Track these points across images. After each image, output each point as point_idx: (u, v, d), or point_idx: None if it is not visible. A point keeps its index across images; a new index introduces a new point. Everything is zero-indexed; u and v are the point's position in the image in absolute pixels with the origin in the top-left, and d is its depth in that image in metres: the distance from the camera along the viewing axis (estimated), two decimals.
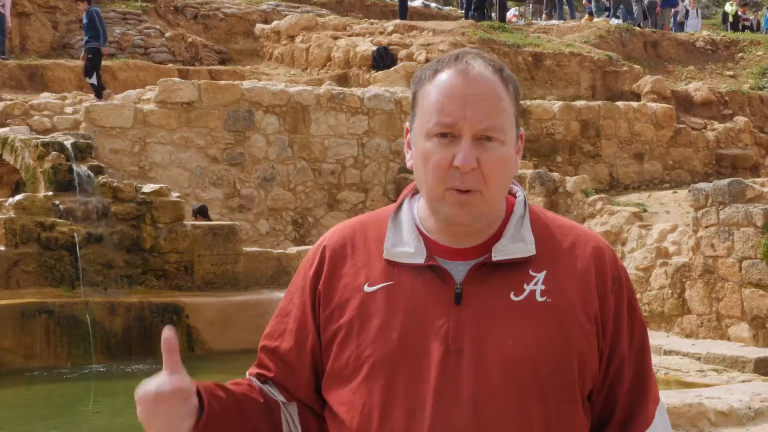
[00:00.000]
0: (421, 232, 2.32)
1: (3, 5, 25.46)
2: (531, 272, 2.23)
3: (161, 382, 2.37)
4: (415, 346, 2.23)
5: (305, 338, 2.44)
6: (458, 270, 2.27)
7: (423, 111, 2.25)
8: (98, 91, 21.22)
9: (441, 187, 2.21)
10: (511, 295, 2.21)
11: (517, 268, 2.24)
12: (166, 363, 2.33)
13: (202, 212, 16.46)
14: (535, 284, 2.21)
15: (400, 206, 2.39)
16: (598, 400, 2.24)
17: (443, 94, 2.22)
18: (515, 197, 2.36)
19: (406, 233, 2.32)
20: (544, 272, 2.22)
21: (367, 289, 2.31)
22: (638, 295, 16.62)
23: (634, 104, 24.43)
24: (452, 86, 2.21)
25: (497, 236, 2.27)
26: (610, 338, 2.24)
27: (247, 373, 2.65)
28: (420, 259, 2.28)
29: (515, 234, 2.26)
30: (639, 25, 32.76)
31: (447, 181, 2.20)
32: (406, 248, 2.30)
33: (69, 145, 14.96)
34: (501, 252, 2.24)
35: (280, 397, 2.51)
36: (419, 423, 2.18)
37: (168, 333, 2.32)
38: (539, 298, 2.20)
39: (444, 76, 2.24)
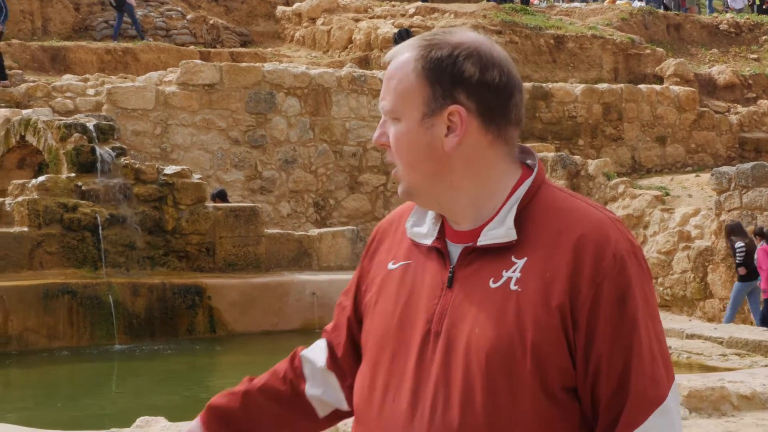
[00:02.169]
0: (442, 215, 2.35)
1: None
2: (513, 258, 2.20)
3: None
4: (409, 326, 2.27)
5: (346, 308, 2.54)
6: (457, 252, 2.28)
7: None
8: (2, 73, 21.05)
9: None
10: (490, 282, 2.20)
11: (502, 253, 2.21)
12: None
13: (221, 196, 16.49)
14: (513, 271, 2.18)
15: None
16: (585, 398, 2.15)
17: None
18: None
19: (428, 214, 2.36)
20: (525, 259, 2.18)
21: (389, 266, 2.38)
22: (659, 279, 16.58)
23: (657, 87, 24.34)
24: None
25: (492, 218, 2.27)
26: (584, 332, 2.13)
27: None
28: (428, 240, 2.32)
29: (505, 218, 2.24)
30: (665, 7, 32.60)
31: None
32: (421, 228, 2.35)
33: (91, 127, 15.00)
34: (485, 236, 2.23)
35: (320, 362, 2.59)
36: (399, 403, 2.24)
37: None
38: (512, 287, 2.17)
39: None
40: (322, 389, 2.58)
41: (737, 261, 15.11)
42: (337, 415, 2.61)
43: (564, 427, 2.17)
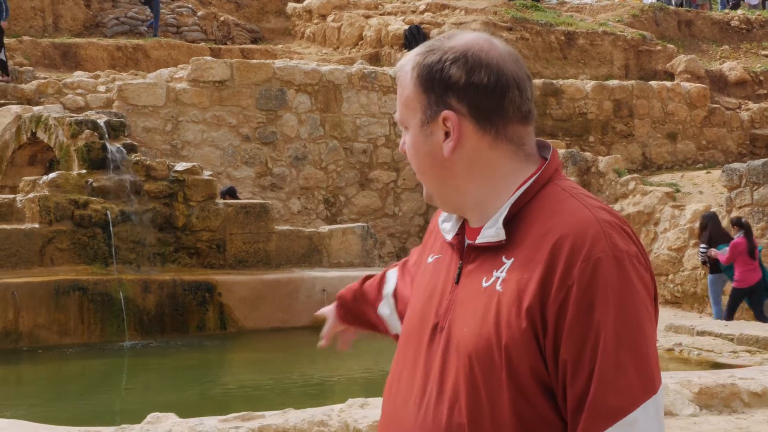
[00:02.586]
0: None
1: None
2: (503, 259, 2.21)
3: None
4: (426, 319, 2.34)
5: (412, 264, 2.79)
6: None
7: None
8: (4, 68, 21.04)
9: None
10: (483, 281, 2.22)
11: (496, 253, 2.23)
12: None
13: (231, 193, 16.51)
14: (501, 272, 2.19)
15: None
16: (560, 401, 2.12)
17: None
18: None
19: None
20: (512, 260, 2.19)
21: (428, 260, 2.47)
22: (670, 276, 16.56)
23: (668, 84, 24.30)
24: None
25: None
26: (552, 337, 2.10)
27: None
28: (450, 236, 2.37)
29: (499, 218, 2.24)
30: (676, 3, 32.52)
31: None
32: (448, 224, 2.39)
33: (102, 124, 15.02)
34: (481, 235, 2.26)
35: (390, 287, 2.93)
36: (412, 395, 2.30)
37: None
38: (497, 287, 2.18)
39: None
40: (389, 311, 2.90)
41: (700, 259, 15.42)
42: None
43: (544, 428, 2.15)
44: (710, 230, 15.24)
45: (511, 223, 2.22)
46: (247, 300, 14.25)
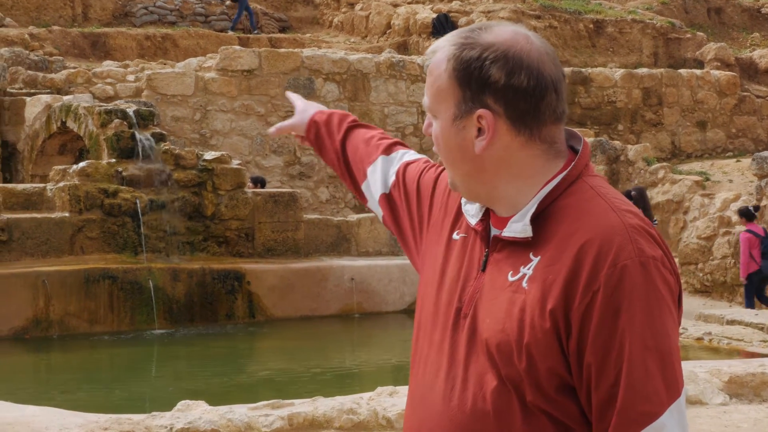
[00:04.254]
0: None
1: None
2: (531, 255, 2.21)
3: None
4: (451, 302, 2.33)
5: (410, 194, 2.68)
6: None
7: None
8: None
9: None
10: (509, 275, 2.22)
11: (523, 247, 2.23)
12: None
13: (261, 182, 16.54)
14: (528, 269, 2.19)
15: None
16: (583, 401, 2.15)
17: None
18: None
19: None
20: (539, 258, 2.19)
21: (454, 236, 2.43)
22: (699, 265, 16.49)
23: (697, 72, 24.17)
24: None
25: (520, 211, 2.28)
26: (576, 340, 2.12)
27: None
28: (473, 221, 2.36)
29: (527, 213, 2.24)
30: None
31: None
32: (472, 207, 2.38)
33: (131, 113, 15.07)
34: (508, 228, 2.26)
35: (378, 190, 2.78)
36: (438, 379, 2.30)
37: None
38: (524, 284, 2.18)
39: None
40: (371, 196, 2.80)
41: None
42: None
43: (564, 424, 2.17)
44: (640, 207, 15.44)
45: (538, 218, 2.22)
46: (276, 288, 14.29)
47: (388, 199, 2.72)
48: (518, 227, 2.23)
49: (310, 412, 5.68)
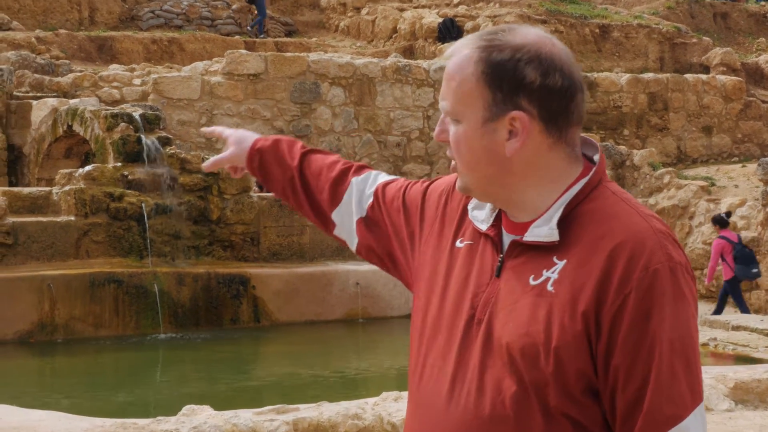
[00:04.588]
0: None
1: None
2: (555, 259, 2.21)
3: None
4: (459, 308, 2.32)
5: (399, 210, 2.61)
6: (508, 243, 2.31)
7: None
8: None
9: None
10: (531, 279, 2.22)
11: (546, 252, 2.23)
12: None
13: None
14: (552, 272, 2.20)
15: None
16: (605, 404, 2.17)
17: None
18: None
19: None
20: (564, 261, 2.20)
21: (457, 244, 2.42)
22: (705, 270, 16.46)
23: (703, 77, 24.15)
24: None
25: (541, 216, 2.28)
26: (605, 341, 2.14)
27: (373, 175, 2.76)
28: (484, 226, 2.36)
29: (551, 217, 2.24)
30: None
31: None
32: (481, 212, 2.38)
33: (137, 117, 15.09)
34: (531, 233, 2.25)
35: (355, 215, 2.70)
36: (440, 384, 2.30)
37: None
38: (549, 288, 2.19)
39: None
40: (343, 222, 2.71)
41: None
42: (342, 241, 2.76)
43: (585, 428, 2.19)
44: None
45: (562, 223, 2.23)
46: (281, 293, 14.29)
47: (365, 221, 2.67)
48: (543, 231, 2.24)
49: (315, 417, 5.68)
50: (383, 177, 2.71)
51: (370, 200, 2.66)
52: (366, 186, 2.69)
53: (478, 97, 2.24)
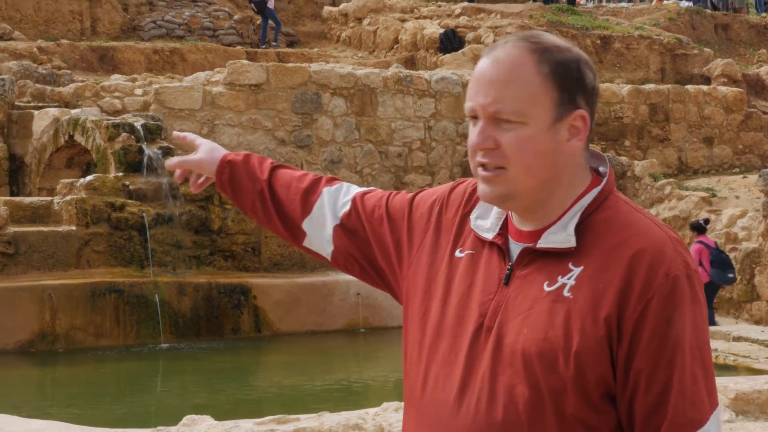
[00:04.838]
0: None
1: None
2: (570, 265, 2.23)
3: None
4: (465, 317, 2.32)
5: (384, 230, 2.59)
6: (517, 251, 2.32)
7: None
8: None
9: (473, 164, 2.30)
10: (545, 285, 2.24)
11: (560, 258, 2.25)
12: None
13: None
14: (569, 278, 2.21)
15: None
16: (622, 409, 2.19)
17: (472, 78, 2.32)
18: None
19: (493, 209, 2.39)
20: (581, 268, 2.21)
21: (457, 254, 2.42)
22: None
23: (704, 88, 24.16)
24: (478, 71, 2.30)
25: (555, 223, 2.28)
26: (627, 346, 2.17)
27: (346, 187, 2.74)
28: (490, 235, 2.36)
29: (567, 224, 2.26)
30: (713, 7, 32.34)
31: (476, 160, 2.29)
32: (485, 222, 2.39)
33: (139, 127, 15.11)
34: (545, 239, 2.27)
35: (328, 228, 2.66)
36: (447, 393, 2.30)
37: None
38: (565, 293, 2.20)
39: (481, 60, 2.33)
40: (313, 232, 2.68)
41: None
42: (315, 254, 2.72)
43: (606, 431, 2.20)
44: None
45: (576, 231, 2.25)
46: (282, 303, 14.30)
47: (342, 229, 2.64)
48: (560, 237, 2.25)
49: (316, 428, 5.68)
50: (357, 188, 2.69)
51: (346, 208, 2.64)
52: (340, 195, 2.66)
53: (547, 97, 2.24)
